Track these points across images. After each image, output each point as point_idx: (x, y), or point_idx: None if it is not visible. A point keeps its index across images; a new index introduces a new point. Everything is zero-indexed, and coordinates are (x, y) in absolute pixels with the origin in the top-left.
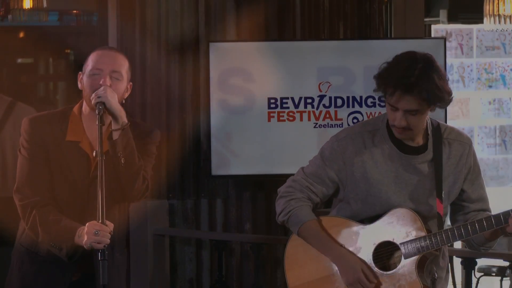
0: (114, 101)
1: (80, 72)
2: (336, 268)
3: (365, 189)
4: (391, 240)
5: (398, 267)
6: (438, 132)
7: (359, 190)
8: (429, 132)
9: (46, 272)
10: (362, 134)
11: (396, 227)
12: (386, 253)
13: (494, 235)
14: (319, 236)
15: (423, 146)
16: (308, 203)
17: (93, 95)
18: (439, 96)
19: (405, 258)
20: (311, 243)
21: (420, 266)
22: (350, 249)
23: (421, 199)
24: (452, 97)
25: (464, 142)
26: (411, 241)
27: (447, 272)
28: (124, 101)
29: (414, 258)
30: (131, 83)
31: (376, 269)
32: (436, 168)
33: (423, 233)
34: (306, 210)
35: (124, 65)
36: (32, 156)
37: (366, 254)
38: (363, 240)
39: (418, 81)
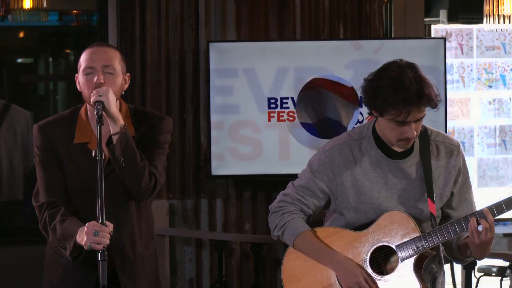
0: (113, 103)
1: (76, 75)
2: (335, 277)
3: (356, 197)
4: (386, 243)
5: (396, 270)
6: (425, 135)
7: (351, 199)
8: None
9: (71, 275)
10: (349, 143)
11: (390, 231)
12: (382, 257)
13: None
14: (316, 245)
15: (409, 149)
16: (301, 215)
17: (94, 92)
18: (436, 94)
19: (402, 260)
20: (308, 253)
21: (418, 266)
22: (347, 256)
23: (412, 202)
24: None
25: (452, 144)
26: (406, 242)
27: (444, 275)
28: (123, 93)
29: (411, 259)
30: (128, 74)
31: (374, 274)
32: (425, 169)
33: (417, 234)
34: (300, 222)
35: (115, 58)
36: (44, 162)
37: (362, 260)
38: (358, 247)
39: (423, 89)
